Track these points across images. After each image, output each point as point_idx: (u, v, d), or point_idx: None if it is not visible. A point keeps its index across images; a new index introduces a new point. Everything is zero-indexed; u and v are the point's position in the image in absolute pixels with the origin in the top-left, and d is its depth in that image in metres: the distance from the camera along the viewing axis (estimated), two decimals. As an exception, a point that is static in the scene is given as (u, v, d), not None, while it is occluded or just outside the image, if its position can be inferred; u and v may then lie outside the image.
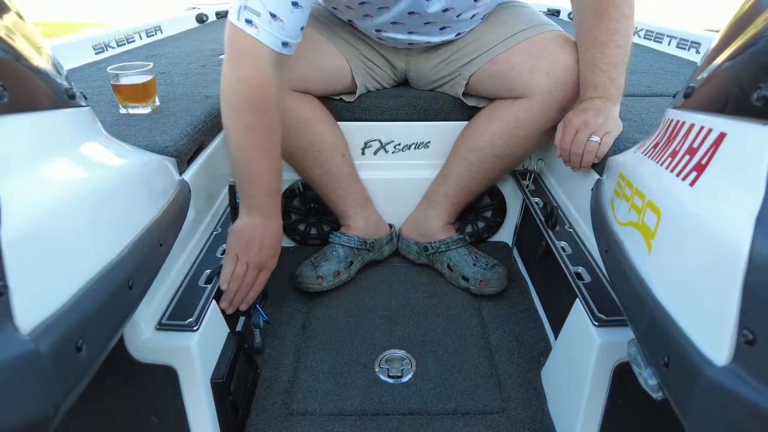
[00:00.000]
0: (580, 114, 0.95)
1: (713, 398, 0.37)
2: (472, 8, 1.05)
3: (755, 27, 0.46)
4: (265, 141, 0.93)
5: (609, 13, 0.94)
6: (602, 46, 0.95)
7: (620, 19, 0.94)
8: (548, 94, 1.03)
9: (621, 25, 0.94)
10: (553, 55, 1.03)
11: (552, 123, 1.06)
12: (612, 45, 0.94)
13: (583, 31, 0.98)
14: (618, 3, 0.94)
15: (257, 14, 0.83)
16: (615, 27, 0.94)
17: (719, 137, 0.47)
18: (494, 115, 1.13)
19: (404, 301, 1.18)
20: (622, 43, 0.95)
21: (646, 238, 0.56)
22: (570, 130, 0.95)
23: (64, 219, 0.47)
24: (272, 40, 0.86)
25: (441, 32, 1.10)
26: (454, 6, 1.02)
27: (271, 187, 0.95)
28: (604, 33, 0.95)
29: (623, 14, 0.94)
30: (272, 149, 0.94)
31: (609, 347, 0.75)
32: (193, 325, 0.78)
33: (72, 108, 0.61)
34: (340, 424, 0.88)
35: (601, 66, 0.95)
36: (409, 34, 1.10)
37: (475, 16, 1.08)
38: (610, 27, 0.94)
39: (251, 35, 0.84)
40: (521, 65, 1.05)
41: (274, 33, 0.85)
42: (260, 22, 0.84)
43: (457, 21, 1.07)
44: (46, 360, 0.39)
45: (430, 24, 1.06)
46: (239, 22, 0.84)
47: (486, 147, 1.14)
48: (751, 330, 0.35)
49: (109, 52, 1.65)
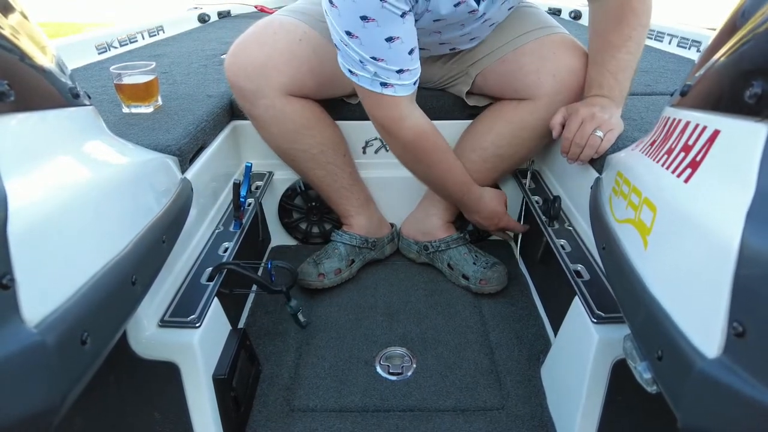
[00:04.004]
0: (588, 106, 0.96)
1: (704, 390, 0.38)
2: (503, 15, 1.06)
3: (750, 24, 0.47)
4: (448, 164, 1.08)
5: (627, 19, 0.95)
6: (615, 50, 0.96)
7: (636, 26, 0.96)
8: (554, 96, 1.04)
9: (636, 32, 0.96)
10: (560, 58, 1.03)
11: None
12: (624, 50, 0.96)
13: (599, 34, 0.99)
14: (638, 11, 0.95)
15: (387, 77, 0.91)
16: (630, 34, 0.96)
17: (713, 134, 0.47)
18: (499, 116, 1.13)
19: (405, 299, 1.19)
20: (634, 50, 0.96)
21: (642, 234, 0.56)
22: (576, 119, 0.94)
23: (69, 215, 0.48)
24: (407, 89, 0.94)
25: (471, 41, 1.11)
26: (494, 18, 1.03)
27: (468, 184, 1.12)
28: (619, 38, 0.96)
29: (640, 23, 0.96)
30: (453, 162, 1.09)
31: (608, 344, 0.76)
32: (196, 321, 0.79)
33: (76, 107, 0.62)
34: (340, 421, 0.89)
35: (610, 68, 0.97)
36: (451, 50, 1.13)
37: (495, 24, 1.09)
38: (625, 33, 0.96)
39: (392, 95, 0.93)
40: (528, 66, 1.06)
41: (405, 83, 0.93)
42: (393, 80, 0.91)
43: (486, 29, 1.08)
44: (52, 352, 0.40)
45: (465, 35, 1.07)
46: (375, 88, 0.92)
47: (489, 147, 1.14)
48: (741, 323, 0.35)
49: (111, 52, 1.67)
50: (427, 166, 1.07)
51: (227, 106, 1.20)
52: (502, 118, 1.12)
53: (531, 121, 1.08)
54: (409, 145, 1.01)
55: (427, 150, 1.03)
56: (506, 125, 1.12)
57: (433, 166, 1.07)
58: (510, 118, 1.11)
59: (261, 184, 1.25)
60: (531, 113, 1.07)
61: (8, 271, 0.38)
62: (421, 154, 1.04)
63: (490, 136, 1.14)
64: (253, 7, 2.56)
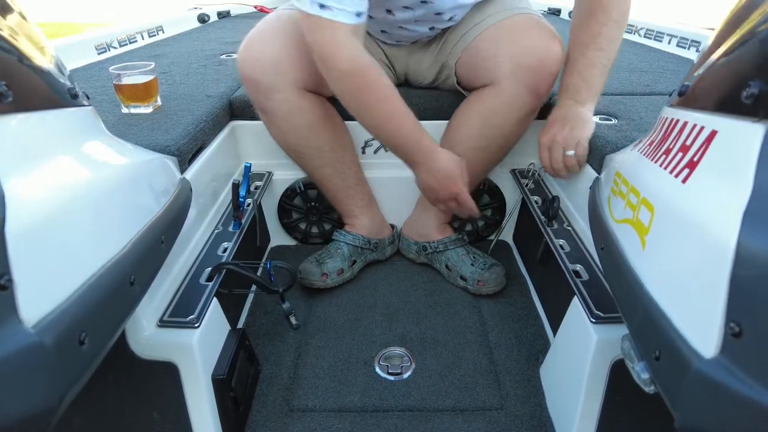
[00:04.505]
0: (546, 131, 1.01)
1: (701, 390, 0.38)
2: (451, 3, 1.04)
3: (748, 24, 0.47)
4: (392, 106, 0.97)
5: (596, 15, 0.96)
6: (584, 47, 0.97)
7: (606, 22, 0.96)
8: (513, 78, 1.00)
9: (606, 28, 0.96)
10: (516, 39, 1.01)
11: (527, 108, 1.04)
12: (593, 47, 0.97)
13: (573, 33, 0.99)
14: (607, 7, 0.95)
15: None
16: (599, 30, 0.96)
17: (711, 135, 0.47)
18: (468, 107, 1.12)
19: (404, 299, 1.19)
20: (605, 46, 0.97)
21: (641, 234, 0.56)
22: (544, 151, 1.02)
23: (67, 215, 0.48)
24: (347, 16, 0.88)
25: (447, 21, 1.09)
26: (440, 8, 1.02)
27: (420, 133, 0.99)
28: (588, 35, 0.97)
29: (610, 18, 0.96)
30: (400, 107, 0.97)
31: (606, 344, 0.76)
32: (195, 322, 0.79)
33: (74, 107, 0.62)
34: (339, 421, 0.89)
35: (579, 67, 0.98)
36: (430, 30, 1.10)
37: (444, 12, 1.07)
38: (594, 29, 0.96)
39: (329, 18, 0.87)
40: (486, 52, 1.04)
41: (347, 8, 0.87)
42: (331, 3, 0.86)
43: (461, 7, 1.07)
44: (50, 352, 0.40)
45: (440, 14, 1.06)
46: (314, 9, 0.87)
47: (464, 140, 1.12)
48: (737, 323, 0.35)
49: (111, 52, 1.67)
50: (368, 108, 0.98)
51: (226, 107, 1.20)
52: (470, 109, 1.11)
53: (497, 107, 1.05)
54: (346, 79, 0.94)
55: (366, 87, 0.95)
56: (476, 116, 1.10)
57: (374, 108, 0.98)
58: (477, 107, 1.09)
59: (260, 184, 1.25)
60: (494, 98, 1.05)
61: (6, 271, 0.38)
62: (359, 92, 0.96)
63: (463, 129, 1.12)
64: (253, 7, 2.56)
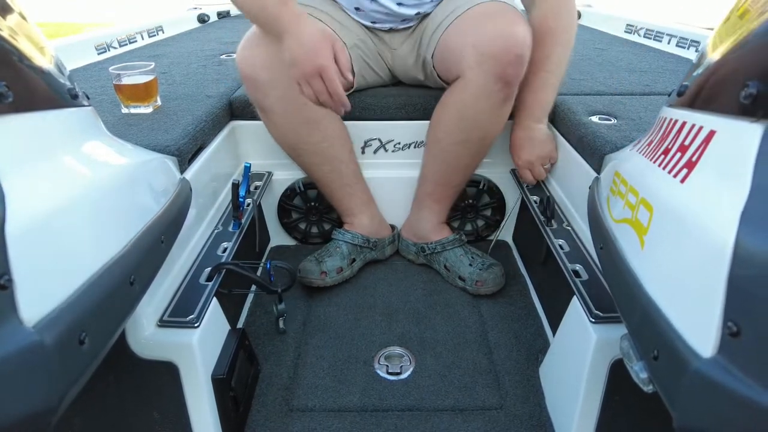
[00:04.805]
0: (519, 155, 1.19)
1: (699, 389, 0.38)
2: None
3: (747, 24, 0.47)
4: None
5: (544, 39, 1.04)
6: (536, 68, 1.05)
7: (554, 45, 1.05)
8: (479, 68, 0.99)
9: (555, 51, 1.05)
10: (479, 28, 1.00)
11: (497, 96, 1.02)
12: (543, 69, 1.06)
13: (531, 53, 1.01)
14: (555, 31, 1.03)
15: None
16: (548, 53, 1.05)
17: (709, 135, 0.47)
18: (444, 102, 1.11)
19: (404, 299, 1.19)
20: (553, 68, 1.07)
21: (639, 234, 0.56)
22: (525, 174, 1.21)
23: (67, 215, 0.48)
24: None
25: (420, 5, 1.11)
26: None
27: None
28: (539, 57, 1.04)
29: (557, 41, 1.05)
30: None
31: (606, 343, 0.76)
32: (195, 321, 0.79)
33: (74, 108, 0.62)
34: (339, 421, 0.89)
35: (533, 87, 1.08)
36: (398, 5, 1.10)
37: None
38: (544, 52, 1.04)
39: None
40: (453, 45, 1.04)
41: None
42: None
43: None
44: (50, 352, 0.41)
45: None
46: None
47: (444, 137, 1.12)
48: (735, 322, 0.35)
49: (111, 53, 1.67)
50: None
51: (226, 107, 1.20)
52: (446, 104, 1.10)
53: (466, 99, 1.04)
54: None
55: None
56: (452, 110, 1.09)
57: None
58: (452, 101, 1.08)
59: (260, 184, 1.25)
60: (463, 90, 1.04)
61: (6, 271, 0.38)
62: None
63: (442, 125, 1.12)
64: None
